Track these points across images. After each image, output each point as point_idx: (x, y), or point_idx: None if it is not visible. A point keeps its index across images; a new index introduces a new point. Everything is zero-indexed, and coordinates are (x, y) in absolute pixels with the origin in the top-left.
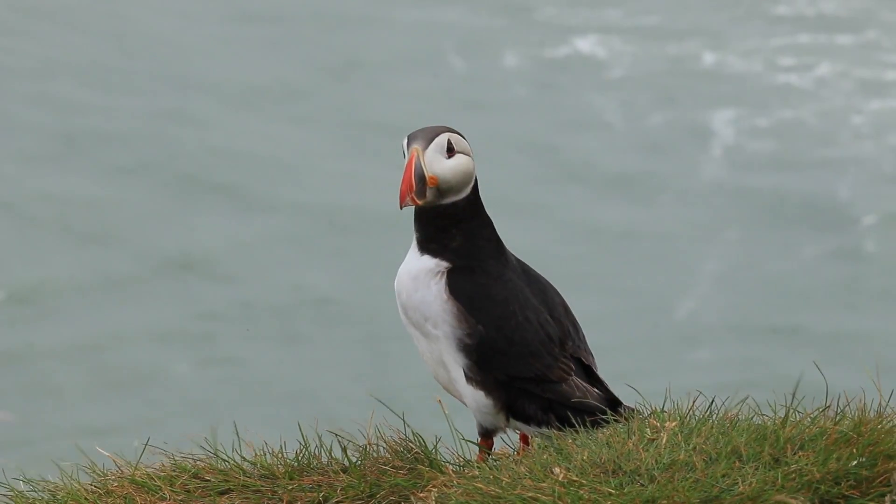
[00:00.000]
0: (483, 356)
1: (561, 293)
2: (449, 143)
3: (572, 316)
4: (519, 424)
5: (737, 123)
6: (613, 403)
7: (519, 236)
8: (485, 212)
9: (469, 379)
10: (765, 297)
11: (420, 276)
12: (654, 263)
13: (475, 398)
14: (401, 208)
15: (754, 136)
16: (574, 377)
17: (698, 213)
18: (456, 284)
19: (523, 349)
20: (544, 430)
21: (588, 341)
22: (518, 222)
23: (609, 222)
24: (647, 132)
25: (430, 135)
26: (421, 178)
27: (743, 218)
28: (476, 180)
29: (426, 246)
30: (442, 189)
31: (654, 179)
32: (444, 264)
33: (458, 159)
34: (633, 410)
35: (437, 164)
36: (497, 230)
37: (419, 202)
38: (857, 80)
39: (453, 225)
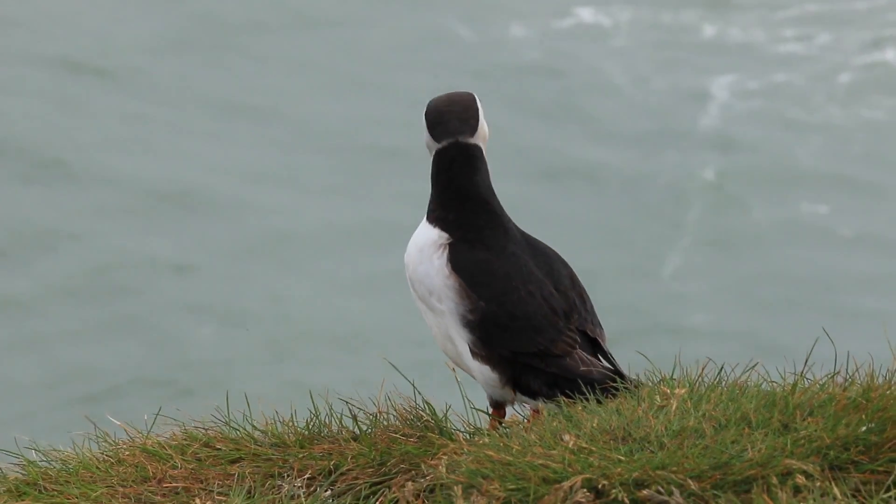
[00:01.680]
0: (486, 332)
1: (570, 264)
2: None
3: (580, 287)
4: (525, 399)
5: (732, 87)
6: (618, 377)
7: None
8: (464, 187)
9: (474, 354)
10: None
11: (425, 248)
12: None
13: (482, 372)
14: None
15: (746, 99)
16: (578, 351)
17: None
18: (458, 259)
19: (526, 324)
20: (551, 405)
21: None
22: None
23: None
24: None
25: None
26: None
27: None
28: (440, 159)
29: (428, 209)
30: None
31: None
32: (445, 235)
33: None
34: (637, 384)
35: None
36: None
37: None
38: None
39: (431, 189)
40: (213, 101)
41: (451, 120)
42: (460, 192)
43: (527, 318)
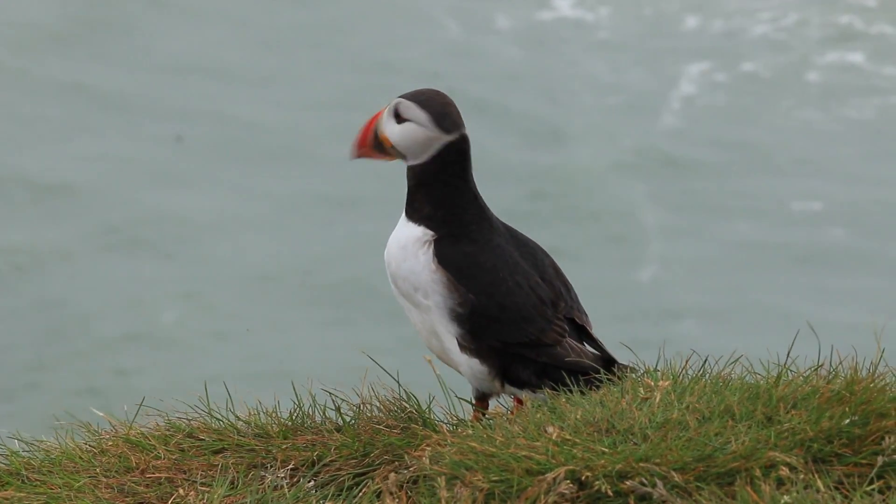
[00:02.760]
0: (476, 324)
1: (551, 255)
2: (396, 108)
3: (563, 276)
4: (514, 389)
5: (703, 79)
6: (608, 363)
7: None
8: (460, 181)
9: (463, 347)
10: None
11: (408, 245)
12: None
13: (470, 366)
14: (350, 159)
15: (717, 92)
16: (568, 339)
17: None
18: (444, 254)
19: (515, 314)
20: (540, 394)
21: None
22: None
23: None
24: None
25: (399, 97)
26: (376, 136)
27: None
28: (448, 152)
29: (408, 208)
30: (398, 150)
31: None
32: (429, 233)
33: (405, 127)
34: (628, 368)
35: (388, 127)
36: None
37: (374, 157)
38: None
39: (417, 188)
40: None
41: (453, 112)
42: (458, 188)
43: (516, 308)
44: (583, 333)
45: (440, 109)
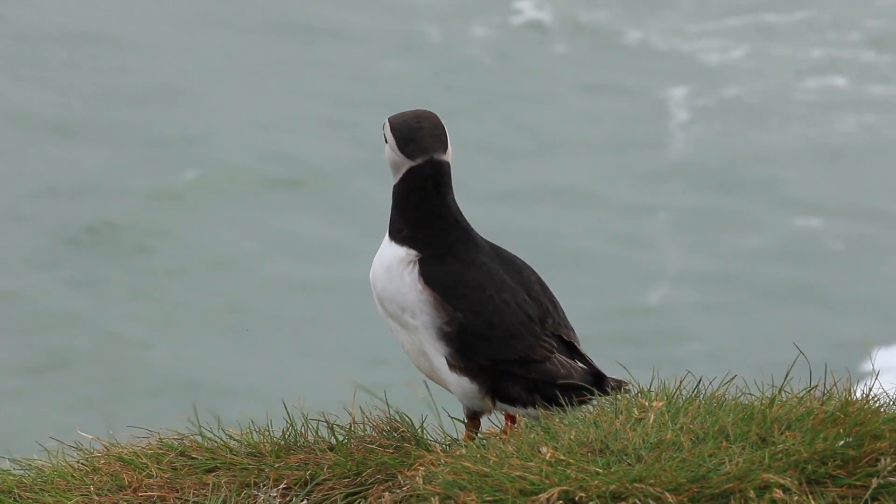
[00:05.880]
0: (464, 343)
1: (537, 271)
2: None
3: (550, 293)
4: (506, 406)
5: (689, 101)
6: (598, 378)
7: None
8: (434, 204)
9: (452, 366)
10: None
11: (393, 265)
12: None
13: (460, 385)
14: None
15: (706, 115)
16: (557, 355)
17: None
18: (430, 273)
19: (504, 332)
20: (531, 410)
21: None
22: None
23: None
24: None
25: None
26: None
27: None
28: (413, 177)
29: (390, 227)
30: None
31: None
32: (413, 253)
33: (386, 146)
34: (619, 383)
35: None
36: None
37: None
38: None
39: (393, 207)
40: None
41: (424, 137)
42: (433, 211)
43: (504, 326)
44: (571, 349)
45: (408, 134)
